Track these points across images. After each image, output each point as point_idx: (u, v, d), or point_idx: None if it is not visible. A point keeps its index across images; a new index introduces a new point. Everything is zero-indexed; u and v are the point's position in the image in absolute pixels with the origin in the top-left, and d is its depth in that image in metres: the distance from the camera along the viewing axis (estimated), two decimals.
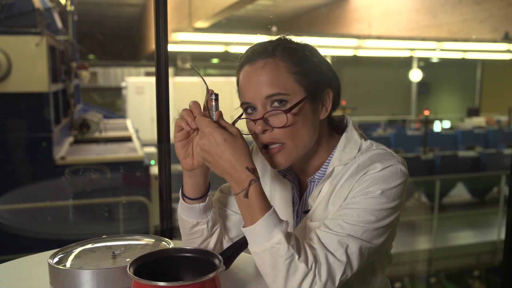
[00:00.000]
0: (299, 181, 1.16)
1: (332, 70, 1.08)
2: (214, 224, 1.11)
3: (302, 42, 1.07)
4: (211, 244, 1.13)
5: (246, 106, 1.04)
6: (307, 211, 1.09)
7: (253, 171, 0.92)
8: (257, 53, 1.03)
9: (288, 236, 0.90)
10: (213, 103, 0.96)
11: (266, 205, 0.92)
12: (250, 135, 1.05)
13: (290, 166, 1.15)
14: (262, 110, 1.00)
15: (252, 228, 0.91)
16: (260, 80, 1.00)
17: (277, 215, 0.92)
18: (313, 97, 1.03)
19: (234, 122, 1.01)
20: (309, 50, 1.05)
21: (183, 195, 1.08)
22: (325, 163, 1.10)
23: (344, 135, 1.09)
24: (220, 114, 0.96)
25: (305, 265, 0.89)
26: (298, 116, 1.00)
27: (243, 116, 1.07)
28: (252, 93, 1.01)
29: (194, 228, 1.09)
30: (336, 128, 1.13)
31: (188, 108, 1.00)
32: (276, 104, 1.00)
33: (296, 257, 0.89)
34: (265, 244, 0.90)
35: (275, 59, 1.01)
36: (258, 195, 0.91)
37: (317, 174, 1.10)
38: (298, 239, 0.92)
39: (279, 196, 1.15)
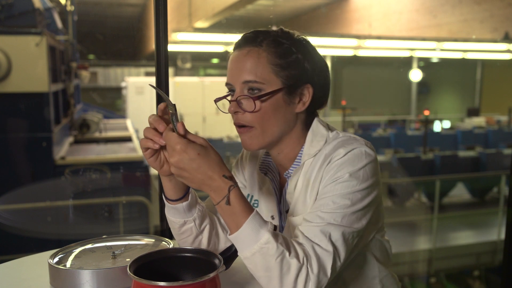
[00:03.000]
0: (279, 179, 1.18)
1: (320, 68, 1.10)
2: (202, 221, 1.11)
3: (296, 37, 1.09)
4: (203, 241, 1.13)
5: (229, 87, 1.09)
6: (288, 210, 1.11)
7: (230, 178, 0.93)
8: (245, 40, 1.08)
9: (275, 234, 0.90)
10: (173, 114, 0.95)
11: (249, 208, 0.92)
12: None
13: (271, 163, 1.18)
14: (238, 93, 1.06)
15: (239, 233, 0.91)
16: (241, 66, 1.05)
17: (261, 216, 0.93)
18: (290, 90, 1.06)
19: (217, 100, 1.11)
20: (298, 46, 1.07)
21: (165, 197, 1.08)
22: (297, 157, 1.12)
23: (310, 129, 1.11)
24: (183, 125, 0.94)
25: (297, 261, 0.89)
26: (268, 105, 1.05)
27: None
28: (233, 76, 1.07)
29: (182, 227, 1.10)
30: (310, 123, 1.14)
31: (149, 125, 0.98)
32: (251, 90, 1.05)
33: (287, 254, 0.89)
34: (254, 246, 0.89)
35: (259, 49, 1.05)
36: (239, 199, 0.92)
37: (290, 168, 1.12)
38: (285, 237, 0.93)
39: (264, 195, 1.18)
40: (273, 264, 0.89)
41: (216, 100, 1.12)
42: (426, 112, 9.33)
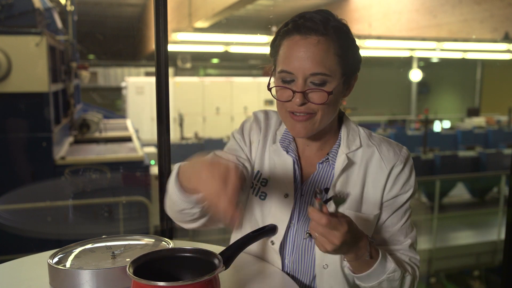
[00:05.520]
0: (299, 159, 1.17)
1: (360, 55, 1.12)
2: (206, 211, 1.05)
3: (344, 22, 1.08)
4: (199, 223, 1.07)
5: (286, 75, 1.03)
6: (329, 199, 1.10)
7: (365, 234, 1.00)
8: (310, 27, 1.02)
9: (395, 260, 1.03)
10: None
11: (377, 250, 1.01)
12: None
13: (292, 142, 1.16)
14: (302, 84, 1.01)
15: (370, 272, 1.00)
16: (310, 56, 1.00)
17: (382, 250, 1.03)
18: (346, 79, 1.07)
19: (269, 88, 1.06)
20: (352, 34, 1.08)
21: (181, 189, 0.99)
22: (334, 148, 1.13)
23: (344, 123, 1.16)
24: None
25: (410, 275, 1.07)
26: (332, 95, 1.03)
27: (274, 81, 1.08)
28: (298, 65, 1.01)
29: (184, 210, 1.03)
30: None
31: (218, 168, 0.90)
32: (315, 81, 1.01)
33: (405, 273, 1.05)
34: (382, 277, 1.01)
35: (327, 38, 1.01)
36: (374, 248, 1.00)
37: (331, 156, 1.12)
38: (397, 257, 1.09)
39: (281, 171, 1.15)
40: (396, 285, 1.04)
41: (270, 88, 1.07)
42: (426, 112, 9.34)
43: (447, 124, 12.30)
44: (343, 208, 1.07)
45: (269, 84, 1.08)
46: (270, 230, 1.11)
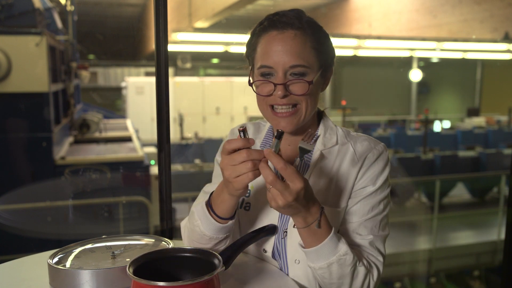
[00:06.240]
0: None
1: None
2: (233, 232, 1.12)
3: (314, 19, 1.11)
4: (225, 244, 1.13)
5: (266, 69, 1.05)
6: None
7: (318, 201, 0.97)
8: (286, 22, 1.05)
9: (349, 245, 0.99)
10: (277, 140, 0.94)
11: (329, 225, 0.99)
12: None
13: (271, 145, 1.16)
14: (282, 77, 1.03)
15: (319, 247, 0.98)
16: (288, 49, 1.03)
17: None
18: (323, 72, 1.10)
19: (251, 83, 1.08)
20: (324, 29, 1.11)
21: (217, 217, 1.05)
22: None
23: (322, 120, 1.17)
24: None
25: (364, 268, 1.02)
26: (313, 86, 1.06)
27: (254, 78, 1.09)
28: (277, 59, 1.03)
29: (221, 241, 1.09)
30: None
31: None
32: (295, 73, 1.04)
33: (358, 262, 1.01)
34: (332, 258, 0.98)
35: (303, 32, 1.05)
36: (325, 220, 0.98)
37: (305, 156, 1.11)
38: (353, 246, 1.04)
39: (263, 178, 1.15)
40: (347, 272, 1.00)
41: (251, 83, 1.09)
42: (426, 112, 9.34)
43: (447, 124, 12.31)
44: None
45: (249, 80, 1.10)
46: (270, 230, 1.11)
